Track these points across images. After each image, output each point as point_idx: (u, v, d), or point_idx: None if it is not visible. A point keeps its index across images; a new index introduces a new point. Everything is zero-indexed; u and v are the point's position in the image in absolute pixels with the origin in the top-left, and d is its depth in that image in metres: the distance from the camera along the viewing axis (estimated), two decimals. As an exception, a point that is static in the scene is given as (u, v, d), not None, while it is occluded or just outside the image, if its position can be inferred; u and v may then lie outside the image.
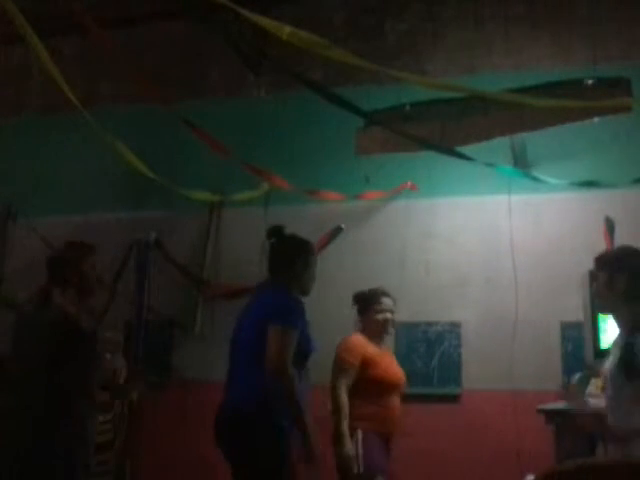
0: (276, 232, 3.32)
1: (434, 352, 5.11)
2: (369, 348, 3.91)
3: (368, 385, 3.81)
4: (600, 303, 2.85)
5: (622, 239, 4.61)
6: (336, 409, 3.74)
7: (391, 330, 4.12)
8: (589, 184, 4.74)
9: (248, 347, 3.00)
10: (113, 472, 5.04)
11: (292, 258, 3.22)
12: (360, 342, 3.93)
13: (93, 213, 5.82)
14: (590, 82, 4.13)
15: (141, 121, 5.64)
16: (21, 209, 5.87)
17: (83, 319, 3.14)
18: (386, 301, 4.05)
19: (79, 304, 3.18)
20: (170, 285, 5.62)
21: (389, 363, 4.01)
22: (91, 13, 3.70)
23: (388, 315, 4.03)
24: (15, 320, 3.25)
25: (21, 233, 5.80)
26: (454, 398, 5.03)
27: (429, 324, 5.15)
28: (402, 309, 4.87)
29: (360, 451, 3.67)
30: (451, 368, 5.05)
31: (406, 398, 4.17)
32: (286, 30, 2.91)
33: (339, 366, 3.83)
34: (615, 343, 2.73)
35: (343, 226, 5.42)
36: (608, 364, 2.74)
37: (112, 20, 5.12)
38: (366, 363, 3.83)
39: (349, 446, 3.67)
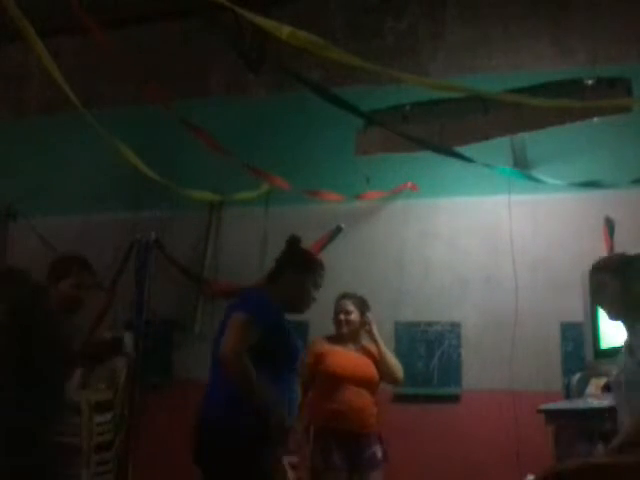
0: (292, 241, 3.17)
1: (434, 352, 5.11)
2: (324, 346, 4.14)
3: (318, 380, 4.02)
4: (613, 312, 2.73)
5: (622, 239, 4.62)
6: None
7: (346, 329, 4.18)
8: (589, 184, 4.74)
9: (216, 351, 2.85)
10: (113, 472, 5.04)
11: (294, 268, 3.04)
12: (316, 341, 4.23)
13: (93, 213, 5.82)
14: (590, 82, 4.13)
15: (141, 121, 5.64)
16: (21, 209, 5.87)
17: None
18: (340, 303, 4.25)
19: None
20: (170, 285, 5.62)
21: (342, 358, 4.09)
22: (91, 13, 3.70)
23: (340, 316, 4.19)
24: None
25: (21, 233, 5.80)
26: (454, 398, 5.03)
27: (429, 324, 5.15)
28: (402, 309, 4.90)
29: (311, 447, 3.86)
30: (451, 368, 5.05)
31: (406, 398, 4.18)
32: (285, 30, 2.91)
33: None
34: (628, 348, 2.65)
35: (343, 226, 5.42)
36: (618, 370, 2.67)
37: (112, 20, 5.11)
38: (317, 359, 4.06)
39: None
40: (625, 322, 2.73)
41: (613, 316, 2.78)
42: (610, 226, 4.68)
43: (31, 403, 2.71)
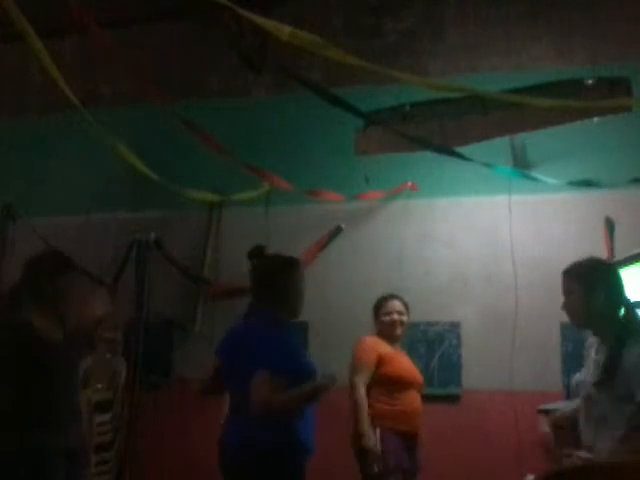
0: (256, 252, 3.06)
1: (434, 352, 5.11)
2: (383, 347, 4.12)
3: (383, 383, 4.00)
4: (577, 320, 2.68)
5: (622, 239, 4.62)
6: (356, 406, 3.92)
7: (400, 330, 4.23)
8: (589, 184, 4.74)
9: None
10: (113, 472, 5.04)
11: (275, 279, 2.94)
12: (374, 342, 4.14)
13: (93, 213, 5.81)
14: (590, 82, 4.13)
15: (141, 121, 5.64)
16: (21, 209, 5.87)
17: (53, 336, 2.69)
18: (392, 304, 4.24)
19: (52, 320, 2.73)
20: (170, 285, 5.61)
21: (402, 362, 4.16)
22: (91, 13, 3.70)
23: (395, 316, 4.19)
24: None
25: (21, 233, 5.79)
26: (454, 398, 5.03)
27: (429, 324, 5.15)
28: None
29: (378, 449, 3.84)
30: (451, 368, 5.05)
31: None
32: (286, 31, 2.90)
33: (356, 365, 4.04)
34: (594, 358, 2.61)
35: (343, 226, 5.42)
36: (583, 377, 2.67)
37: (112, 20, 5.11)
38: (380, 361, 4.03)
39: (373, 439, 3.84)
40: (592, 333, 2.67)
41: (576, 324, 2.72)
42: (610, 226, 4.68)
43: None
